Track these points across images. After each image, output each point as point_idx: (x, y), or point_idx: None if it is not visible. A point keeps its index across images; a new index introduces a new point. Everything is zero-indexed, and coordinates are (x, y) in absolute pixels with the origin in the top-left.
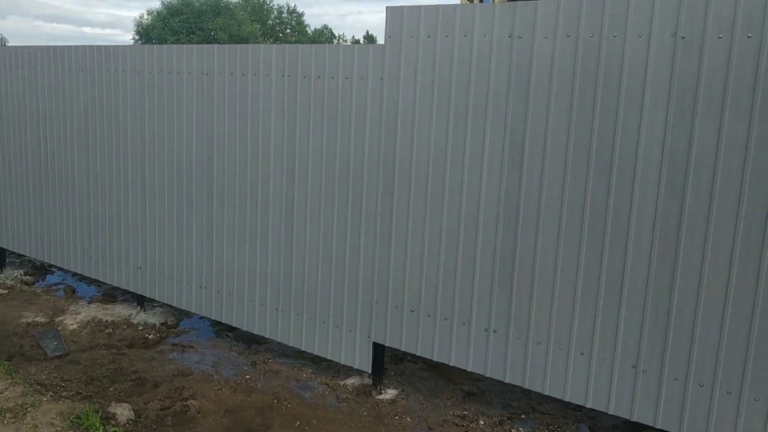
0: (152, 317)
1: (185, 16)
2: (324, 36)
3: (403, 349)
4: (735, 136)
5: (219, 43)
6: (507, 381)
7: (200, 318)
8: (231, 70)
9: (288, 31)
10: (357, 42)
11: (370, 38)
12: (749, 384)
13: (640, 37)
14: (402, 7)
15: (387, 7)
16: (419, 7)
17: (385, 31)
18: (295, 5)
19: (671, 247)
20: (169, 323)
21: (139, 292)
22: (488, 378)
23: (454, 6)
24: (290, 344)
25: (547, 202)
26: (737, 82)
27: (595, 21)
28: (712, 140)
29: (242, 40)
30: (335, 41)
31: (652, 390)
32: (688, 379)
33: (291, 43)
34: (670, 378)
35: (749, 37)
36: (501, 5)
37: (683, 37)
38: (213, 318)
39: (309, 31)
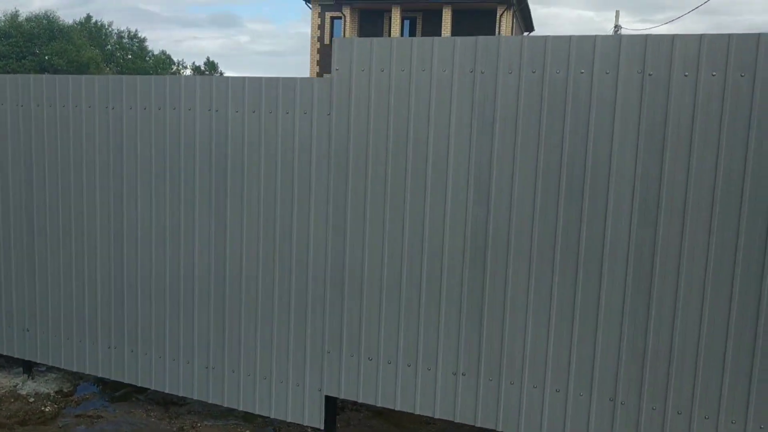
0: (44, 385)
1: (14, 39)
2: (163, 63)
3: (360, 401)
4: (703, 168)
5: (56, 68)
6: (478, 425)
7: (97, 381)
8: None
9: (129, 56)
10: (198, 69)
11: (211, 65)
12: (725, 409)
13: (608, 73)
14: (352, 40)
15: (334, 39)
16: (371, 39)
17: (333, 64)
18: (136, 30)
19: (645, 280)
20: (65, 390)
21: (27, 358)
22: (439, 420)
23: (410, 40)
24: (225, 404)
25: (517, 238)
26: (704, 116)
27: (561, 58)
28: (682, 172)
29: (82, 66)
30: (174, 68)
31: (631, 421)
32: (666, 409)
33: (133, 68)
34: (649, 408)
35: (713, 75)
36: (462, 39)
37: (650, 74)
38: (126, 381)
39: (149, 57)
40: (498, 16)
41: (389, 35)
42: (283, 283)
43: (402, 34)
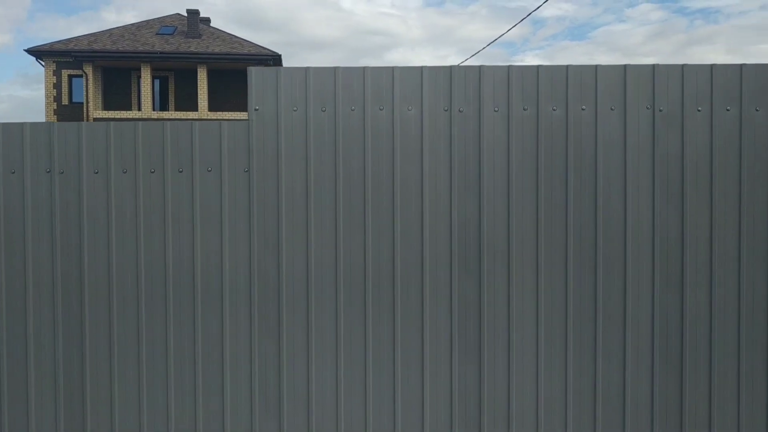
0: None
1: None
2: None
3: None
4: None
5: None
6: None
7: None
8: None
9: None
10: None
11: None
12: None
13: (613, 110)
14: (274, 69)
15: (250, 69)
16: (303, 69)
17: (250, 103)
18: None
19: (675, 350)
20: None
21: None
22: None
23: (360, 69)
24: None
25: (518, 320)
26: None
27: (558, 93)
28: (705, 215)
29: None
30: None
31: None
32: None
33: None
34: None
35: (728, 110)
36: (430, 68)
37: (661, 110)
38: None
39: None
40: None
41: (138, 96)
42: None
43: (153, 95)
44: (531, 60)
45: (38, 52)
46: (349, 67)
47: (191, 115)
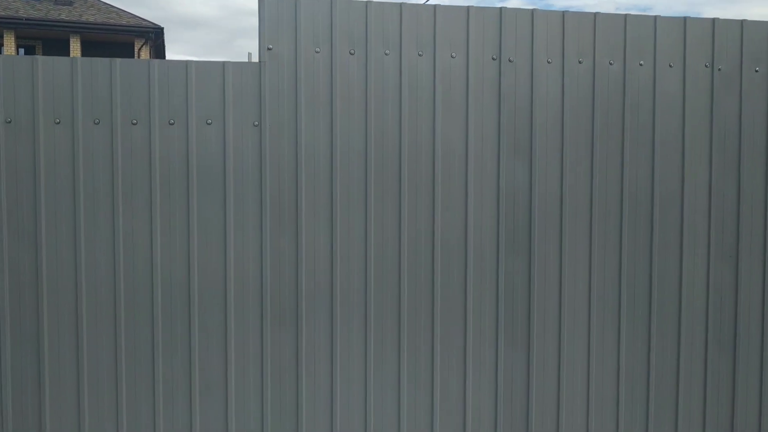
0: None
1: None
2: None
3: None
4: None
5: None
6: None
7: None
8: None
9: None
10: None
11: None
12: None
13: (672, 67)
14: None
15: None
16: (328, 0)
17: (261, 41)
18: None
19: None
20: None
21: None
22: None
23: (396, 5)
24: None
25: (570, 304)
26: None
27: (615, 46)
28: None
29: None
30: None
31: None
32: None
33: None
34: None
35: None
36: (477, 9)
37: (719, 69)
38: None
39: None
40: (137, 51)
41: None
42: None
43: None
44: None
45: None
46: (384, 2)
47: None
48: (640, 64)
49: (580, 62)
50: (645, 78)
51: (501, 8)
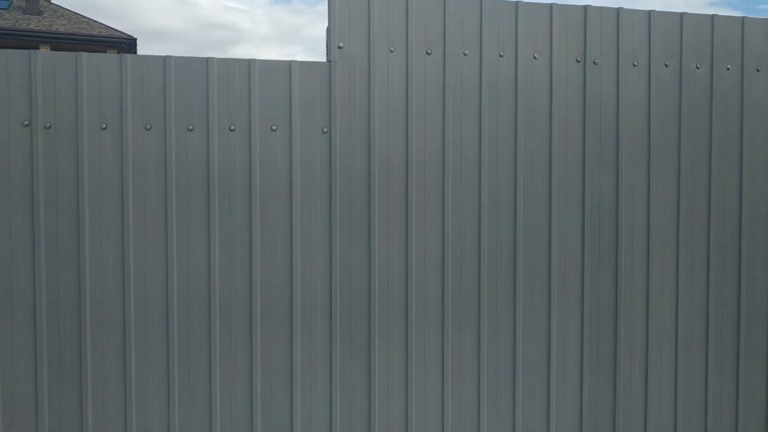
0: None
1: None
2: None
3: None
4: None
5: None
6: None
7: None
8: None
9: None
10: None
11: None
12: None
13: (759, 71)
14: None
15: None
16: None
17: (331, 38)
18: None
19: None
20: None
21: None
22: None
23: (476, 1)
24: None
25: (657, 323)
26: None
27: (702, 48)
28: None
29: None
30: None
31: None
32: None
33: None
34: None
35: None
36: (560, 7)
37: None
38: None
39: None
40: None
41: None
42: None
43: None
44: None
45: None
46: None
47: None
48: (728, 68)
49: (666, 65)
50: (733, 82)
51: (585, 7)
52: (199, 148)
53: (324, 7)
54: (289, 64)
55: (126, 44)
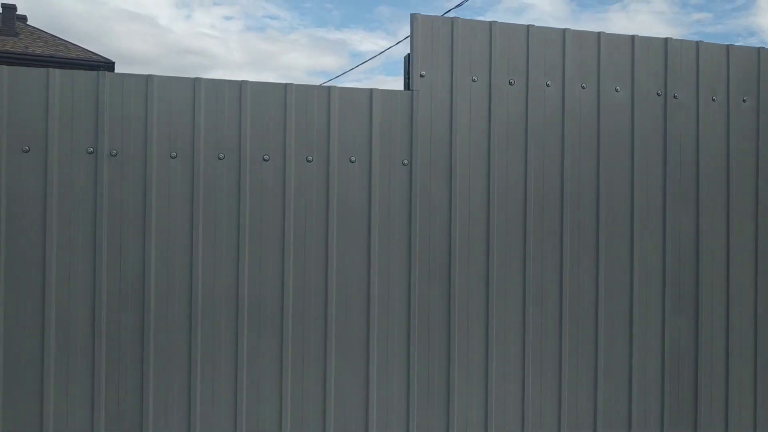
0: None
1: None
2: None
3: None
4: None
5: None
6: None
7: None
8: None
9: None
10: None
11: None
12: None
13: None
14: (449, 20)
15: (414, 16)
16: (487, 23)
17: (411, 66)
18: None
19: None
20: None
21: None
22: None
23: (559, 30)
24: None
25: (737, 370)
26: None
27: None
28: None
29: None
30: None
31: None
32: None
33: None
34: None
35: None
36: (641, 38)
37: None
38: None
39: None
40: None
41: None
42: None
43: None
44: None
45: None
46: (546, 28)
47: None
48: None
49: (744, 101)
50: None
51: (666, 39)
52: (274, 179)
53: (296, 36)
54: (370, 92)
55: (104, 68)
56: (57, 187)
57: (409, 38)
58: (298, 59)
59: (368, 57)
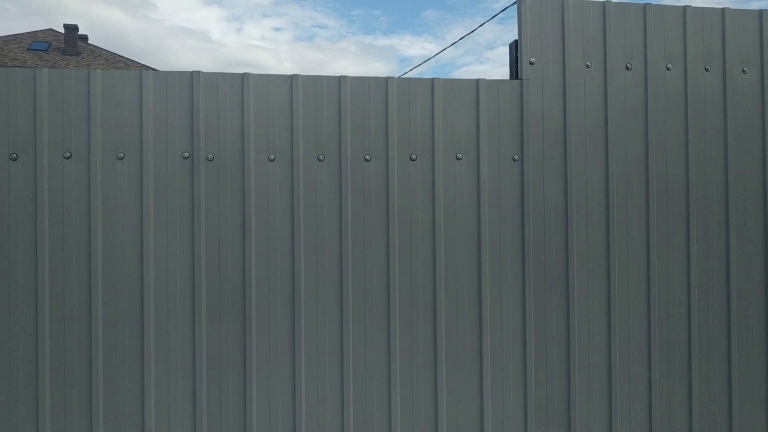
0: None
1: None
2: None
3: None
4: None
5: None
6: None
7: None
8: None
9: None
10: None
11: None
12: None
13: None
14: (558, 1)
15: (521, 1)
16: (600, 3)
17: (520, 52)
18: None
19: None
20: None
21: None
22: None
23: (679, 8)
24: None
25: None
26: None
27: None
28: None
29: None
30: None
31: None
32: None
33: None
34: None
35: None
36: None
37: None
38: None
39: None
40: None
41: None
42: None
43: None
44: None
45: None
46: (664, 6)
47: None
48: None
49: None
50: None
51: None
52: (376, 179)
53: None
54: (476, 83)
55: None
56: (153, 194)
57: (456, 40)
58: (347, 66)
59: (416, 61)
